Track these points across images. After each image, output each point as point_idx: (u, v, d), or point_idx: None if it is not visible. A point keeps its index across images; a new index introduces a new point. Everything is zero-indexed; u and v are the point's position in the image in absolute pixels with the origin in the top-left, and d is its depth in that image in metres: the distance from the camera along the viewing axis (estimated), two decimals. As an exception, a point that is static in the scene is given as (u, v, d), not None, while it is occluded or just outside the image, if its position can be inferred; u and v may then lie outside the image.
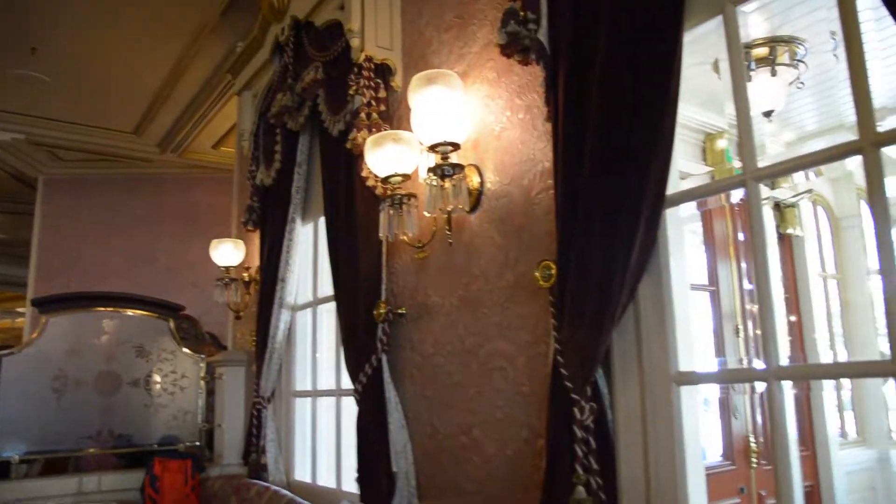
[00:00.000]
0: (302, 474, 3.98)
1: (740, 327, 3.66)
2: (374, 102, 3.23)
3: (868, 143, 1.64)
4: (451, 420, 2.72)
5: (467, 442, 2.62)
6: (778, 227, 4.33)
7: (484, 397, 2.56)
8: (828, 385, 4.33)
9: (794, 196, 4.24)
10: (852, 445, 4.39)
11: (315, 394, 4.03)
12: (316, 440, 3.95)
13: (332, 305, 3.56)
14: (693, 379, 2.02)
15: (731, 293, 3.71)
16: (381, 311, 3.01)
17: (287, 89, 3.96)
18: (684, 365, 2.00)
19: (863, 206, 4.73)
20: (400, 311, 3.04)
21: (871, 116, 1.66)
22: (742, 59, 1.96)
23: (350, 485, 3.25)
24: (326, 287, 3.84)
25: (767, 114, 3.33)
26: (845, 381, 4.55)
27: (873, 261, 5.04)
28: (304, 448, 4.04)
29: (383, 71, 3.33)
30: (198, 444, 5.08)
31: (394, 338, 3.06)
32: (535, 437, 2.29)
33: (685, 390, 1.99)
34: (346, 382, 3.30)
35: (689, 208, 3.88)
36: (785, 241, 4.34)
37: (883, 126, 1.65)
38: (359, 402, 3.07)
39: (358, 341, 3.12)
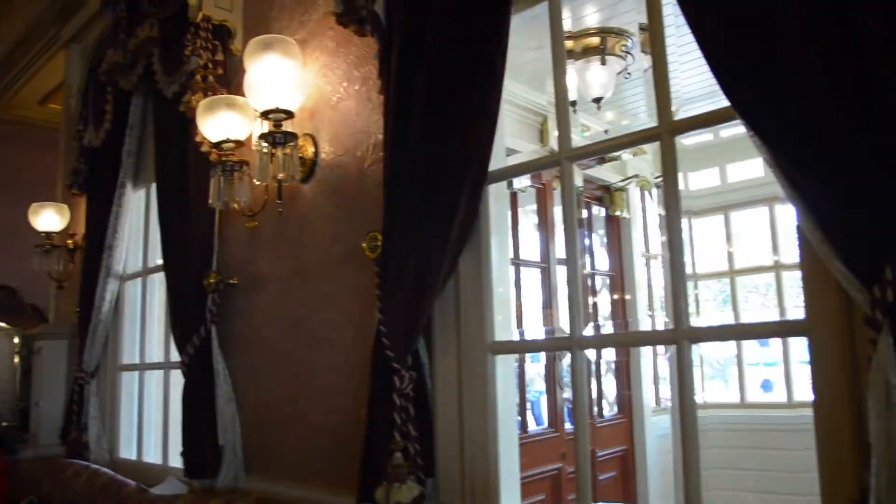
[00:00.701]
0: (127, 452, 3.80)
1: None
2: (211, 65, 3.08)
3: (664, 130, 1.77)
4: (279, 391, 2.69)
5: (293, 412, 2.60)
6: (608, 209, 4.62)
7: (311, 368, 2.55)
8: (648, 357, 4.70)
9: (622, 180, 4.54)
10: (662, 412, 4.81)
11: (143, 367, 3.84)
12: (143, 416, 3.78)
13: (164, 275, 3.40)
14: (507, 348, 2.13)
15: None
16: (212, 280, 2.91)
17: (119, 45, 3.70)
18: (500, 335, 2.10)
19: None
20: (231, 281, 2.95)
21: (669, 106, 1.80)
22: (562, 44, 2.06)
23: (178, 460, 3.14)
24: (158, 256, 3.65)
25: (597, 100, 3.53)
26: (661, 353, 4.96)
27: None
28: (130, 424, 3.85)
29: (222, 33, 3.17)
30: (12, 424, 4.68)
31: (224, 309, 2.96)
32: (359, 406, 2.29)
33: (500, 359, 2.08)
34: (176, 355, 3.17)
35: (530, 190, 4.06)
36: (613, 222, 4.65)
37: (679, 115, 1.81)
38: (185, 374, 2.96)
39: (186, 312, 3.01)
